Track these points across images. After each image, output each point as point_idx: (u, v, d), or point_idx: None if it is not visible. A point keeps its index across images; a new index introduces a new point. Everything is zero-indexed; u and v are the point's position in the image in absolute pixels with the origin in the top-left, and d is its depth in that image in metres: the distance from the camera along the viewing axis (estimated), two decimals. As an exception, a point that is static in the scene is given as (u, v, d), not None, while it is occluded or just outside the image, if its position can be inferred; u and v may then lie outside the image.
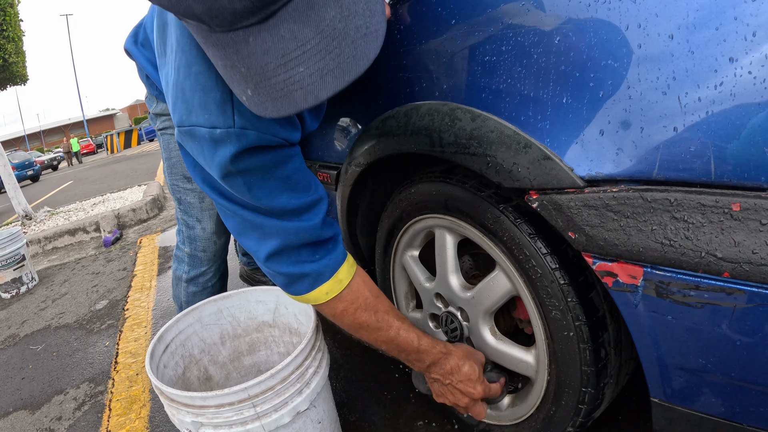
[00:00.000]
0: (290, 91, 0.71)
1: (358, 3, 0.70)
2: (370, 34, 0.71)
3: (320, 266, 1.14)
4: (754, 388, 0.76)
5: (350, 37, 0.70)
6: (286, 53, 0.70)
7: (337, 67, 0.71)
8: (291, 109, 0.73)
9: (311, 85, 0.71)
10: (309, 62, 0.70)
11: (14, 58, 9.06)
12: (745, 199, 0.67)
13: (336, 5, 0.69)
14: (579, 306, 1.01)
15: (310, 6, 0.68)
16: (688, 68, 0.69)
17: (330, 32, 0.69)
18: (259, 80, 0.72)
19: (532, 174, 0.92)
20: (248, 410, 1.10)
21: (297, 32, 0.68)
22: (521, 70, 0.93)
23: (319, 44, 0.69)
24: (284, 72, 0.71)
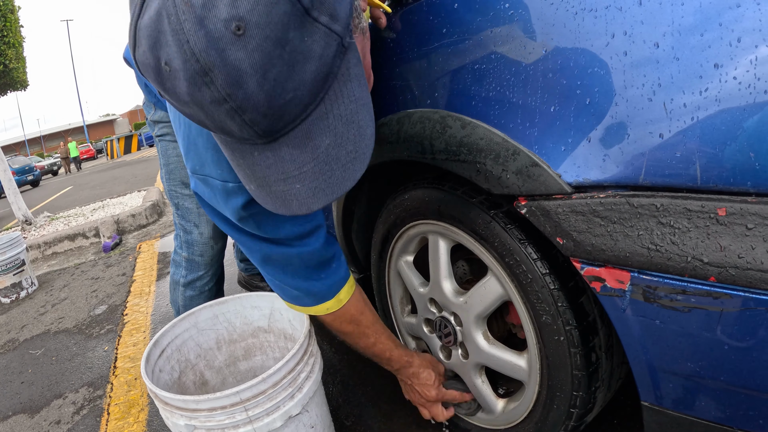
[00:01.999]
0: (288, 200, 0.79)
1: (350, 130, 0.77)
2: (359, 157, 0.78)
3: (325, 286, 1.26)
4: (743, 392, 0.76)
5: (341, 161, 0.77)
6: (285, 172, 0.77)
7: (328, 186, 0.78)
8: (286, 212, 0.81)
9: (305, 199, 0.78)
10: (305, 181, 0.77)
11: (15, 64, 9.06)
12: (731, 204, 0.67)
13: (331, 134, 0.76)
14: (569, 310, 1.02)
15: (308, 136, 0.75)
16: (673, 75, 0.70)
17: (324, 158, 0.76)
18: (261, 184, 0.80)
19: (521, 180, 0.93)
20: (240, 414, 1.10)
21: (296, 156, 0.76)
22: (510, 78, 0.93)
23: (314, 168, 0.77)
24: (283, 185, 0.78)
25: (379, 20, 1.22)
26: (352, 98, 0.76)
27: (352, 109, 0.76)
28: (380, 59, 1.29)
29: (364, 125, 0.78)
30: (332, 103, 0.74)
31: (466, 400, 1.49)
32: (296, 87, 0.69)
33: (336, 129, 0.76)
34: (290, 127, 0.73)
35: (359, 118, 0.77)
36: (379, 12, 1.21)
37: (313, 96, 0.72)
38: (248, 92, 0.65)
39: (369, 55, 0.96)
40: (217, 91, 0.65)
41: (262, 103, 0.67)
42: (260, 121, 0.70)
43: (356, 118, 0.77)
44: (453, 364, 1.48)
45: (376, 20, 1.23)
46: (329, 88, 0.74)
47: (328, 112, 0.75)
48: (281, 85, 0.67)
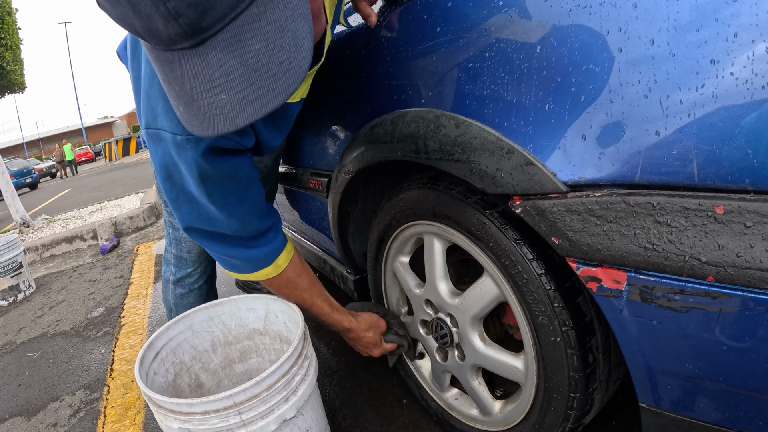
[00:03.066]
0: (213, 115, 0.74)
1: (285, 37, 0.73)
2: (292, 69, 0.73)
3: (263, 253, 1.35)
4: (743, 393, 0.75)
5: (272, 71, 0.73)
6: (211, 80, 0.73)
7: (256, 98, 0.73)
8: (212, 132, 0.76)
9: (231, 113, 0.74)
10: (231, 91, 0.73)
11: (12, 66, 9.08)
12: (729, 202, 0.66)
13: (262, 39, 0.71)
14: (566, 311, 1.01)
15: (238, 38, 0.71)
16: (669, 71, 0.69)
17: (253, 64, 0.72)
18: (188, 101, 0.76)
19: (515, 180, 0.92)
20: (234, 417, 1.09)
21: (223, 61, 0.71)
22: (504, 76, 0.92)
23: (242, 75, 0.72)
24: (209, 97, 0.74)
25: (369, 18, 1.21)
26: (289, 5, 0.72)
27: (287, 16, 0.72)
28: (374, 59, 1.29)
29: (301, 36, 0.73)
30: (266, 6, 0.71)
31: (404, 344, 1.66)
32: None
33: (269, 34, 0.72)
34: (218, 26, 0.70)
35: (295, 27, 0.73)
36: (369, 10, 1.21)
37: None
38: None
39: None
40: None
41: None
42: (185, 12, 0.66)
43: (291, 27, 0.73)
44: (449, 365, 1.47)
45: (366, 18, 1.23)
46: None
47: (260, 14, 0.71)
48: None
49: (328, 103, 1.64)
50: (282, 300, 1.48)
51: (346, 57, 1.44)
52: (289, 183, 2.26)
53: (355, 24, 1.38)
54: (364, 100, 1.39)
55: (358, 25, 1.36)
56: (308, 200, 2.14)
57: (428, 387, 1.67)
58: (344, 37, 1.45)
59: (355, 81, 1.42)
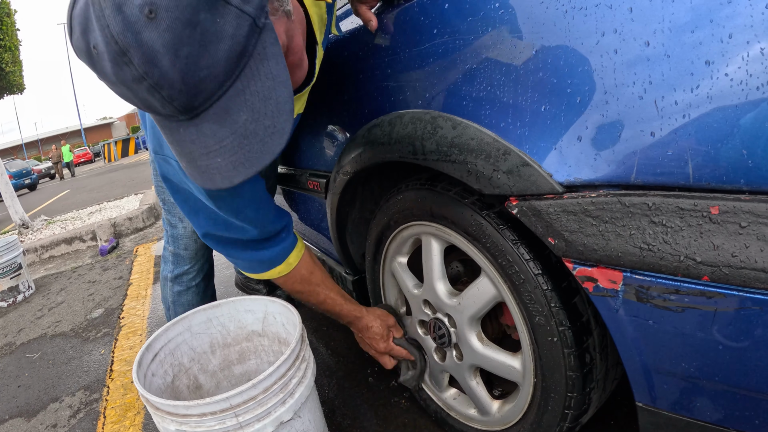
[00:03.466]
0: (212, 174, 0.83)
1: (268, 105, 0.80)
2: (277, 132, 0.82)
3: (274, 254, 1.40)
4: (739, 392, 0.75)
5: (259, 136, 0.81)
6: (207, 146, 0.81)
7: (247, 160, 0.81)
8: (212, 186, 0.84)
9: (227, 173, 0.82)
10: (225, 155, 0.81)
11: (11, 68, 9.07)
12: (724, 202, 0.66)
13: (248, 110, 0.79)
14: (562, 311, 1.01)
15: (227, 111, 0.79)
16: (664, 72, 0.69)
17: (242, 132, 0.80)
18: (189, 160, 0.84)
19: (512, 180, 0.92)
20: (230, 420, 1.09)
21: (216, 131, 0.79)
22: (501, 78, 0.93)
23: (233, 142, 0.80)
24: (206, 160, 0.82)
25: (370, 23, 1.23)
26: (269, 76, 0.80)
27: (269, 86, 0.80)
28: (372, 60, 1.29)
29: (282, 101, 0.81)
30: (248, 81, 0.78)
31: (410, 358, 1.61)
32: (210, 65, 0.73)
33: (253, 105, 0.79)
34: (208, 103, 0.77)
35: (277, 94, 0.81)
36: (369, 15, 1.23)
37: (229, 73, 0.76)
38: (163, 70, 0.70)
39: (299, 37, 0.98)
40: (135, 70, 0.70)
41: (177, 80, 0.72)
42: (177, 97, 0.74)
43: (273, 95, 0.80)
44: (447, 365, 1.47)
45: (366, 23, 1.24)
46: (245, 66, 0.77)
47: (244, 88, 0.78)
48: (194, 62, 0.71)
49: (326, 104, 1.64)
50: (280, 302, 1.48)
51: (344, 59, 1.44)
52: (288, 184, 2.26)
53: (353, 26, 1.38)
54: (362, 102, 1.40)
55: (356, 28, 1.36)
56: (307, 201, 2.14)
57: (427, 387, 1.67)
58: (342, 39, 1.45)
59: (353, 83, 1.42)
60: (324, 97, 1.62)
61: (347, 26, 1.43)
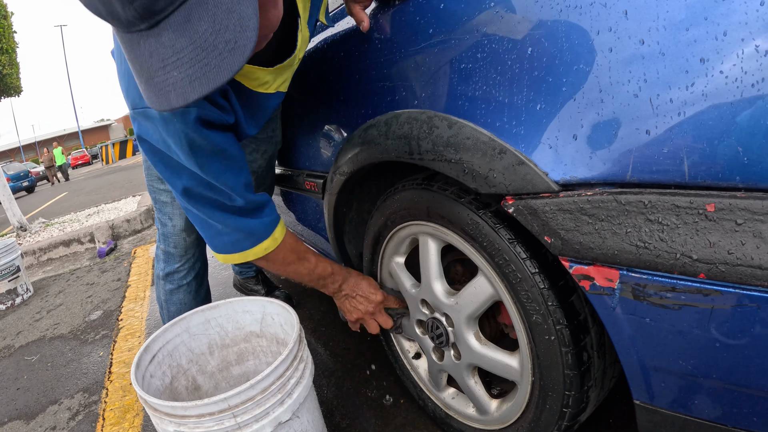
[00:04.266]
0: (167, 91, 0.80)
1: (231, 18, 0.77)
2: (237, 48, 0.78)
3: (263, 224, 1.40)
4: (736, 390, 0.75)
5: (218, 49, 0.78)
6: (164, 58, 0.78)
7: (204, 75, 0.78)
8: (167, 106, 0.81)
9: (182, 89, 0.79)
10: (182, 68, 0.78)
11: (8, 70, 9.06)
12: (720, 200, 0.66)
13: (209, 20, 0.76)
14: (559, 310, 1.01)
15: (187, 19, 0.76)
16: (659, 70, 0.69)
17: (201, 44, 0.77)
18: (147, 78, 0.81)
19: (508, 179, 0.92)
20: (228, 420, 1.09)
21: (175, 41, 0.77)
22: (496, 77, 0.93)
23: (191, 54, 0.77)
24: (163, 74, 0.79)
25: (362, 23, 1.24)
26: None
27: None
28: (367, 60, 1.29)
29: (246, 17, 0.78)
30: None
31: (403, 305, 1.64)
32: None
33: (215, 16, 0.77)
34: (170, 9, 0.75)
35: (241, 8, 0.78)
36: (362, 15, 1.23)
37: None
38: None
39: None
40: None
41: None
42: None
43: (237, 8, 0.77)
44: (446, 364, 1.47)
45: (359, 23, 1.25)
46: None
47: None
48: None
49: (322, 105, 1.64)
50: (278, 302, 1.48)
51: (339, 59, 1.45)
52: (285, 185, 2.27)
53: (348, 26, 1.38)
54: (358, 102, 1.40)
55: (352, 27, 1.36)
56: (304, 201, 2.14)
57: (425, 386, 1.67)
58: (338, 38, 1.45)
59: (349, 83, 1.42)
60: (320, 97, 1.62)
61: (344, 26, 1.43)
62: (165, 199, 1.89)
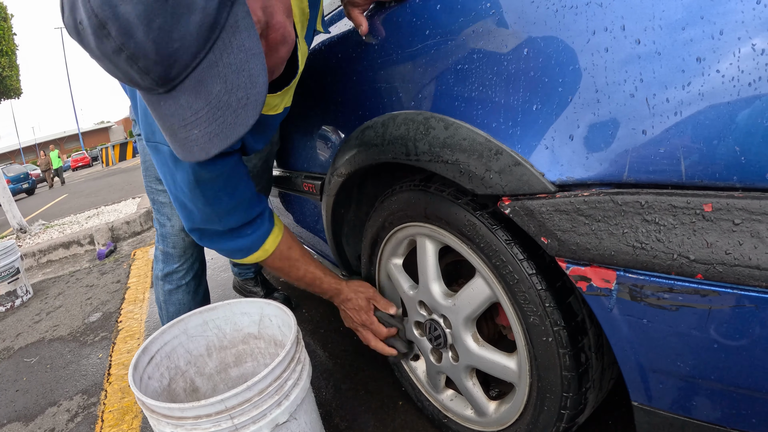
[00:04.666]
0: (190, 146, 0.86)
1: (241, 77, 0.83)
2: (250, 104, 0.84)
3: (250, 241, 1.45)
4: (735, 391, 0.75)
5: (233, 107, 0.83)
6: (184, 118, 0.84)
7: (222, 131, 0.84)
8: (191, 158, 0.88)
9: (203, 144, 0.85)
10: (201, 127, 0.84)
11: (8, 72, 9.09)
12: (717, 200, 0.66)
13: (221, 81, 0.82)
14: (557, 311, 1.01)
15: (201, 82, 0.82)
16: (655, 70, 0.69)
17: (216, 103, 0.83)
18: (170, 133, 0.87)
19: (504, 180, 0.92)
20: (226, 422, 1.09)
21: (192, 103, 0.83)
22: (492, 78, 0.93)
23: (208, 113, 0.83)
24: (184, 132, 0.85)
25: (361, 27, 1.24)
26: (242, 48, 0.82)
27: (241, 58, 0.82)
28: (364, 62, 1.29)
29: (256, 74, 0.84)
30: (221, 53, 0.81)
31: (392, 334, 1.64)
32: (182, 36, 0.76)
33: (226, 77, 0.82)
34: (184, 74, 0.81)
35: (250, 66, 0.83)
36: (361, 19, 1.24)
37: (201, 45, 0.79)
38: (138, 40, 0.74)
39: (281, 15, 0.98)
40: (114, 42, 0.74)
41: (152, 51, 0.75)
42: (153, 68, 0.78)
43: (246, 67, 0.83)
44: (443, 366, 1.47)
45: (357, 27, 1.26)
46: (217, 38, 0.80)
47: (217, 60, 0.81)
48: (167, 33, 0.74)
49: (319, 107, 1.64)
50: (276, 304, 1.48)
51: (336, 61, 1.45)
52: (283, 186, 2.27)
53: (345, 28, 1.38)
54: (355, 104, 1.40)
55: (348, 30, 1.36)
56: (302, 203, 2.15)
57: (423, 388, 1.66)
58: (335, 41, 1.45)
59: (346, 85, 1.42)
60: (317, 99, 1.63)
61: (341, 28, 1.43)
62: (163, 200, 1.90)
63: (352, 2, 1.26)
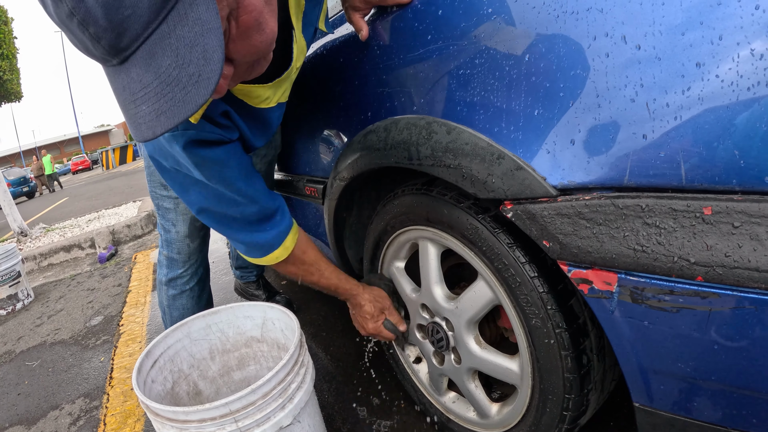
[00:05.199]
0: (138, 124, 0.81)
1: (194, 52, 0.78)
2: (201, 81, 0.78)
3: (270, 237, 1.41)
4: (735, 391, 0.75)
5: (182, 83, 0.78)
6: (134, 92, 0.79)
7: (169, 108, 0.78)
8: (140, 138, 0.82)
9: (150, 122, 0.79)
10: (149, 102, 0.79)
11: (8, 76, 9.08)
12: (717, 203, 0.67)
13: (172, 54, 0.77)
14: (559, 313, 1.01)
15: (152, 55, 0.76)
16: (655, 75, 0.70)
17: (165, 78, 0.77)
18: (123, 109, 0.83)
19: (506, 184, 0.93)
20: (230, 425, 1.09)
21: (142, 76, 0.78)
22: (494, 83, 0.94)
23: (157, 88, 0.78)
24: (134, 108, 0.80)
25: (361, 32, 1.25)
26: (198, 22, 0.77)
27: (196, 31, 0.77)
28: (367, 66, 1.30)
29: (210, 50, 0.78)
30: (175, 24, 0.76)
31: (392, 338, 1.65)
32: (133, 3, 0.72)
33: (178, 50, 0.77)
34: (135, 45, 0.76)
35: (204, 41, 0.77)
36: (361, 23, 1.25)
37: (154, 15, 0.74)
38: (88, 5, 0.70)
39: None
40: (66, 6, 0.71)
41: (101, 16, 0.71)
42: (103, 35, 0.73)
43: (200, 41, 0.77)
44: (446, 369, 1.47)
45: (358, 32, 1.26)
46: (172, 8, 0.75)
47: (170, 32, 0.76)
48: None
49: (322, 110, 1.65)
50: (278, 308, 1.49)
51: (339, 65, 1.45)
52: (286, 190, 2.27)
53: (347, 32, 1.39)
54: (358, 108, 1.40)
55: (351, 33, 1.37)
56: (304, 207, 2.15)
57: (426, 391, 1.67)
58: (337, 45, 1.46)
59: (349, 89, 1.43)
60: (320, 103, 1.63)
61: (343, 32, 1.43)
62: (168, 206, 1.89)
63: (353, 6, 1.26)
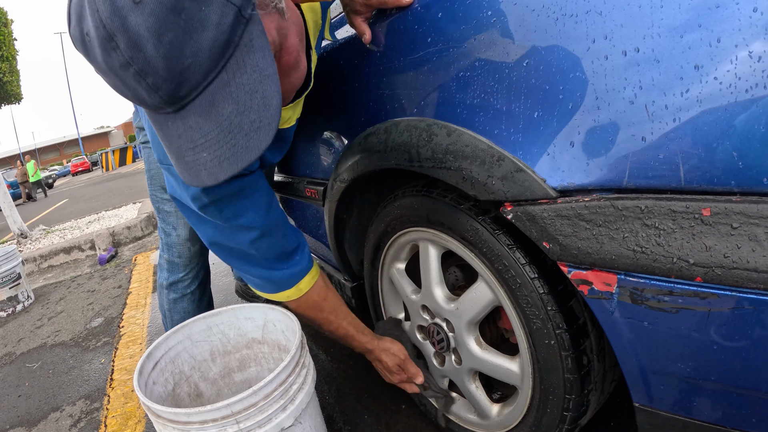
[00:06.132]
0: (198, 171, 0.81)
1: (254, 99, 0.78)
2: (263, 127, 0.79)
3: (285, 276, 1.37)
4: (735, 391, 0.76)
5: (244, 129, 0.79)
6: (193, 140, 0.80)
7: (233, 155, 0.79)
8: (198, 184, 0.82)
9: (212, 168, 0.80)
10: (210, 150, 0.79)
11: (8, 77, 9.08)
12: (716, 204, 0.67)
13: (233, 102, 0.78)
14: (559, 314, 1.02)
15: (212, 103, 0.77)
16: (654, 77, 0.70)
17: (227, 126, 0.78)
18: (177, 156, 0.82)
19: (506, 186, 0.93)
20: (232, 426, 1.10)
21: (202, 124, 0.78)
22: (494, 85, 0.94)
23: (218, 135, 0.79)
24: (192, 155, 0.80)
25: (364, 36, 1.25)
26: (256, 69, 0.78)
27: (255, 78, 0.78)
28: (367, 69, 1.30)
29: (269, 96, 0.79)
30: (234, 72, 0.77)
31: (416, 391, 1.59)
32: (194, 53, 0.72)
33: (238, 97, 0.78)
34: (194, 94, 0.77)
35: (263, 88, 0.79)
36: (364, 27, 1.24)
37: (214, 63, 0.75)
38: (147, 55, 0.70)
39: (295, 37, 0.95)
40: (122, 55, 0.70)
41: (162, 67, 0.71)
42: (162, 85, 0.73)
43: (260, 88, 0.78)
44: (446, 370, 1.48)
45: (361, 35, 1.26)
46: (230, 56, 0.76)
47: (230, 80, 0.77)
48: (178, 49, 0.71)
49: (323, 113, 1.65)
50: (279, 309, 1.49)
51: (340, 67, 1.45)
52: (286, 192, 2.27)
53: (348, 35, 1.39)
54: (358, 110, 1.41)
55: (350, 36, 1.37)
56: (305, 209, 2.15)
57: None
58: (338, 48, 1.46)
59: (349, 91, 1.43)
60: (320, 105, 1.63)
61: (343, 35, 1.44)
62: (168, 209, 1.89)
63: (354, 10, 1.25)
